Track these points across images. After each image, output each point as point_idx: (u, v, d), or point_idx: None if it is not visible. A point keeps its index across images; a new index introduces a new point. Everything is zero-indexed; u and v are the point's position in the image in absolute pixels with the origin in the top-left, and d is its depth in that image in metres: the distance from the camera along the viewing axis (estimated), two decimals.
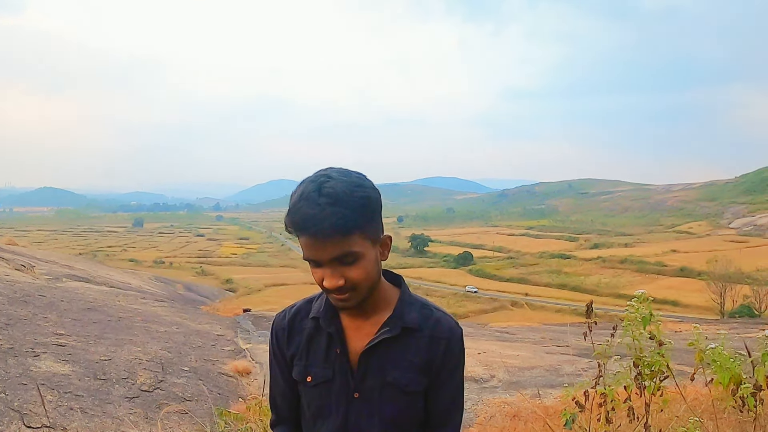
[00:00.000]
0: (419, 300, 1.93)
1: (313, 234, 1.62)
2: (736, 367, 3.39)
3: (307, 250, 1.67)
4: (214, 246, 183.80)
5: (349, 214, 1.61)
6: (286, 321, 1.96)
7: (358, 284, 1.70)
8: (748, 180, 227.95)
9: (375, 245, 1.74)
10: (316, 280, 1.72)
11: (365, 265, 1.70)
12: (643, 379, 3.42)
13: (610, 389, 3.49)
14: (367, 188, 1.69)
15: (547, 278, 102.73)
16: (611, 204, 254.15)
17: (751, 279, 73.40)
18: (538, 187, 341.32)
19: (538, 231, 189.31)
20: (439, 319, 1.88)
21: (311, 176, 1.69)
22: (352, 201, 1.63)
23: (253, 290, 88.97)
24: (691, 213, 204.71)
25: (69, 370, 6.41)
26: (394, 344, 1.82)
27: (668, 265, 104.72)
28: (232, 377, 8.25)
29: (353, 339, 1.85)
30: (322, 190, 1.62)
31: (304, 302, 1.98)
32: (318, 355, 1.87)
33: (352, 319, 1.86)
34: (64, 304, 10.66)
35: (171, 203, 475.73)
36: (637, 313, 3.38)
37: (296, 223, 1.64)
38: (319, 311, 1.87)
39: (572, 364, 10.26)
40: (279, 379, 1.99)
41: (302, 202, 1.63)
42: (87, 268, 22.26)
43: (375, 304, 1.83)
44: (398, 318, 1.83)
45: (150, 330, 10.06)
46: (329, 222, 1.59)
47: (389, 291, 1.89)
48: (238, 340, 11.31)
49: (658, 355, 3.37)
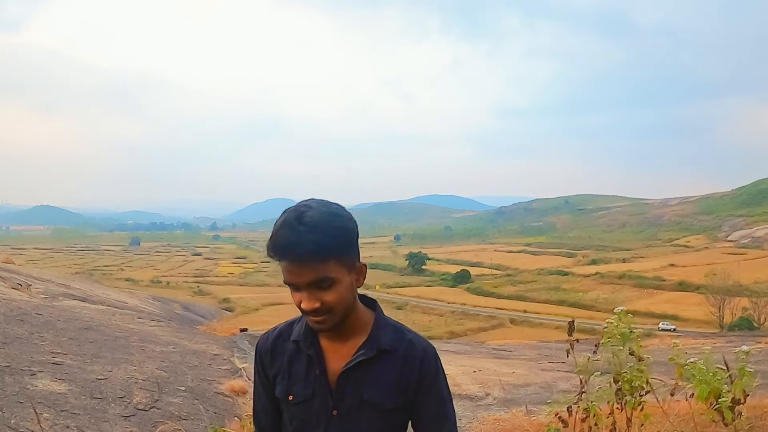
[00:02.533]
0: (392, 323, 2.05)
1: (291, 259, 1.75)
2: (715, 381, 3.45)
3: (286, 274, 1.80)
4: (211, 265, 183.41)
5: (325, 241, 1.74)
6: (269, 342, 2.09)
7: (333, 307, 1.83)
8: (744, 192, 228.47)
9: (350, 272, 1.87)
10: (295, 302, 1.86)
11: (340, 290, 1.82)
12: (623, 394, 3.48)
13: (592, 405, 3.55)
14: (344, 218, 1.83)
15: (545, 295, 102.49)
16: (608, 219, 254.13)
17: (749, 291, 73.39)
18: (535, 204, 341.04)
19: (535, 248, 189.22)
20: (411, 340, 2.02)
21: (293, 206, 1.83)
22: (329, 230, 1.77)
23: (250, 310, 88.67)
24: (689, 227, 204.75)
25: (65, 388, 6.44)
26: (370, 365, 1.95)
27: (667, 279, 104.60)
28: (228, 396, 8.28)
29: (332, 360, 1.97)
30: (302, 219, 1.76)
31: (285, 325, 2.12)
32: (299, 376, 1.99)
33: (330, 341, 1.98)
34: (61, 323, 10.68)
35: (168, 222, 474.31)
36: (616, 329, 3.44)
37: (276, 248, 1.77)
38: (299, 334, 2.00)
39: (567, 380, 10.28)
40: (262, 396, 2.13)
41: (283, 229, 1.76)
42: (83, 287, 22.27)
43: (351, 327, 1.96)
44: (374, 341, 1.96)
45: (146, 349, 10.08)
46: (307, 248, 1.73)
47: (365, 315, 2.02)
48: (234, 359, 11.32)
49: (638, 371, 3.44)
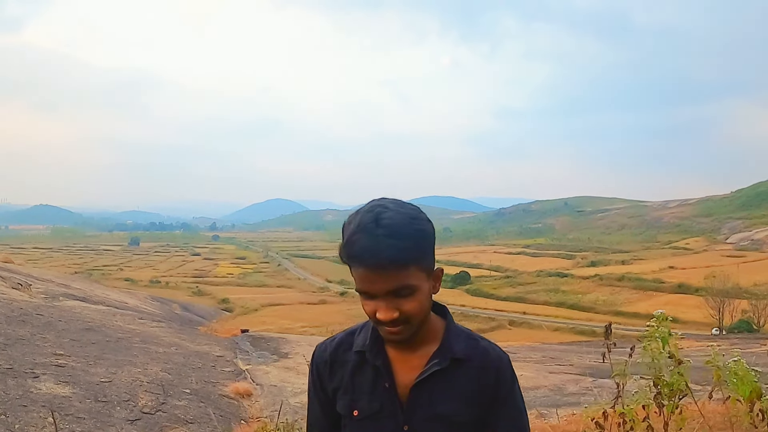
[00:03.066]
0: (464, 331, 1.91)
1: (370, 266, 1.61)
2: (755, 382, 3.35)
3: (361, 282, 1.66)
4: (211, 266, 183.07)
5: (406, 247, 1.61)
6: (328, 354, 1.93)
7: (411, 317, 1.68)
8: (743, 195, 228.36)
9: (429, 278, 1.72)
10: (368, 312, 1.71)
11: (420, 298, 1.68)
12: (662, 398, 3.39)
13: (629, 408, 3.46)
14: (422, 221, 1.68)
15: (544, 296, 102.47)
16: (608, 221, 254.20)
17: (749, 294, 73.36)
18: (534, 206, 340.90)
19: (534, 249, 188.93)
20: (486, 348, 1.88)
21: (366, 206, 1.69)
22: (410, 233, 1.62)
23: (249, 310, 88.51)
24: (688, 229, 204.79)
25: (69, 391, 6.32)
26: (443, 376, 1.80)
27: (666, 281, 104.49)
28: (233, 399, 8.17)
29: (400, 372, 1.82)
30: (379, 222, 1.61)
31: (345, 335, 1.96)
32: (364, 389, 1.84)
33: (399, 351, 1.83)
34: (62, 323, 10.57)
35: (167, 222, 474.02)
36: (656, 332, 3.35)
37: (353, 255, 1.62)
38: (364, 344, 1.85)
39: (576, 383, 10.19)
40: (318, 413, 1.98)
41: (359, 233, 1.61)
42: (83, 287, 22.17)
43: (422, 336, 1.80)
44: (447, 349, 1.82)
45: (149, 351, 9.97)
46: (387, 254, 1.59)
47: (435, 322, 1.86)
48: (237, 361, 11.22)
49: (678, 374, 3.35)
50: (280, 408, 6.28)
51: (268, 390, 9.09)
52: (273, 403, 8.33)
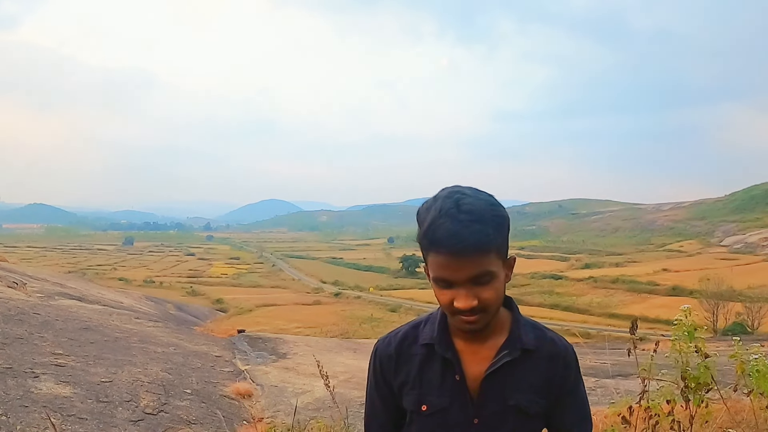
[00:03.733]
0: (530, 321, 1.90)
1: (455, 252, 1.57)
2: None
3: (441, 269, 1.62)
4: (205, 266, 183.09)
5: (489, 232, 1.59)
6: (393, 348, 1.88)
7: (489, 305, 1.66)
8: (737, 198, 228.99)
9: (505, 266, 1.70)
10: (444, 301, 1.66)
11: (497, 285, 1.67)
12: (689, 392, 3.38)
13: (654, 403, 3.44)
14: (500, 207, 1.68)
15: (539, 298, 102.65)
16: (602, 224, 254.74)
17: (743, 296, 73.79)
18: (528, 208, 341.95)
19: (529, 251, 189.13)
20: (553, 338, 1.88)
21: (443, 192, 1.66)
22: (491, 219, 1.61)
23: (244, 311, 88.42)
24: (682, 232, 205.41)
25: (70, 392, 6.24)
26: (513, 367, 1.78)
27: (660, 284, 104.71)
28: (234, 399, 8.10)
29: (470, 364, 1.79)
30: (461, 207, 1.59)
31: (409, 327, 1.91)
32: (433, 383, 1.80)
33: (468, 343, 1.80)
34: (60, 323, 10.49)
35: (161, 222, 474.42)
36: (684, 327, 3.34)
37: (438, 240, 1.58)
38: (431, 337, 1.81)
39: None
40: (379, 408, 1.93)
41: (443, 218, 1.58)
42: (78, 286, 22.07)
43: (491, 327, 1.78)
44: (516, 340, 1.80)
45: (148, 351, 9.90)
46: (473, 239, 1.57)
47: (502, 313, 1.84)
48: (236, 361, 11.16)
49: (704, 368, 3.34)
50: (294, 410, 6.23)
51: (269, 390, 9.02)
52: (274, 404, 8.27)
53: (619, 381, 9.56)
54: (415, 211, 1.68)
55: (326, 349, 14.26)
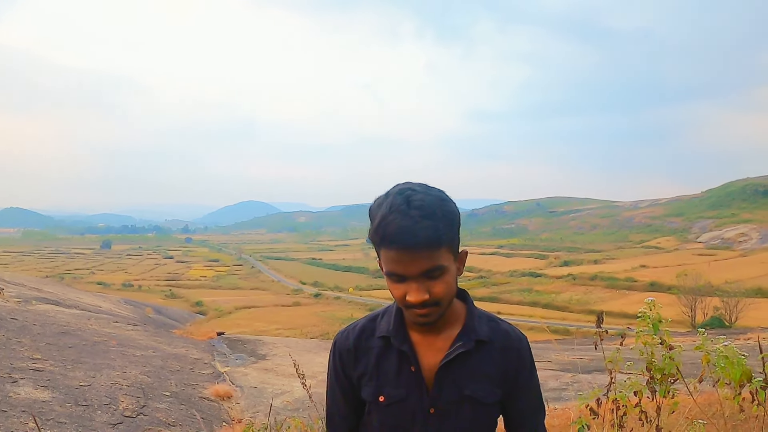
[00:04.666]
0: (485, 313, 1.94)
1: (406, 247, 1.61)
2: (745, 365, 3.40)
3: (393, 264, 1.65)
4: (184, 268, 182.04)
5: (440, 227, 1.62)
6: (351, 341, 1.93)
7: (441, 299, 1.70)
8: (714, 195, 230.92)
9: (456, 260, 1.74)
10: (397, 295, 1.71)
11: (448, 279, 1.69)
12: (654, 383, 3.44)
13: (621, 395, 3.50)
14: (450, 202, 1.70)
15: (518, 296, 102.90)
16: (580, 222, 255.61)
17: (720, 291, 74.27)
18: (507, 207, 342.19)
19: (508, 250, 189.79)
20: (507, 330, 1.92)
21: (394, 189, 1.69)
22: (442, 215, 1.64)
23: (223, 313, 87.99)
24: (659, 228, 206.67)
25: (49, 396, 6.23)
26: (468, 358, 1.82)
27: (638, 280, 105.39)
28: (213, 401, 8.12)
29: (425, 355, 1.83)
30: (411, 203, 1.62)
31: (367, 320, 1.96)
32: (389, 375, 1.85)
33: (424, 335, 1.84)
34: (38, 327, 10.44)
35: (139, 225, 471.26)
36: (648, 319, 3.40)
37: (388, 236, 1.62)
38: (388, 330, 1.86)
39: (556, 379, 10.26)
40: (340, 401, 1.98)
41: (394, 214, 1.61)
42: (56, 290, 21.93)
43: (446, 318, 1.82)
44: (471, 331, 1.84)
45: (126, 354, 9.88)
46: (423, 235, 1.60)
47: (457, 305, 1.89)
48: (215, 363, 11.16)
49: (669, 359, 3.40)
50: (270, 409, 6.24)
51: (249, 392, 9.04)
52: (254, 405, 8.29)
53: (595, 375, 9.69)
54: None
55: (306, 349, 14.28)
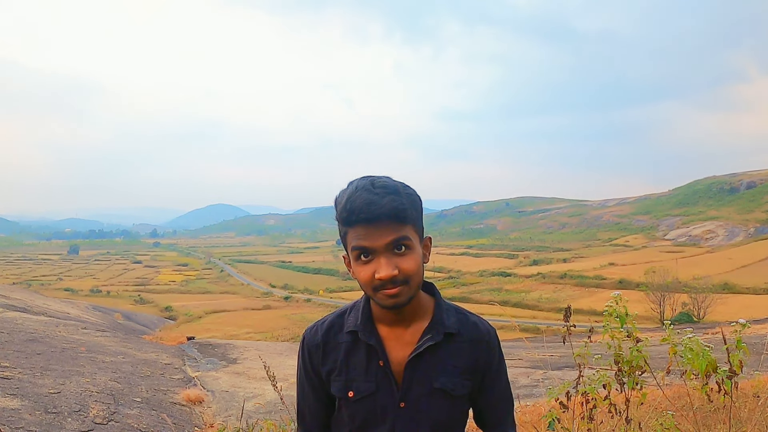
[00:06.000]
0: (453, 306, 1.96)
1: (372, 218, 1.65)
2: (710, 356, 3.46)
3: (360, 239, 1.68)
4: (152, 273, 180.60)
5: (404, 202, 1.67)
6: (319, 337, 1.93)
7: (410, 276, 1.70)
8: (681, 193, 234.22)
9: (421, 243, 1.77)
10: (365, 276, 1.71)
11: (416, 257, 1.71)
12: (622, 375, 3.49)
13: (591, 388, 3.55)
14: (412, 189, 1.76)
15: (488, 296, 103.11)
16: (548, 221, 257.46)
17: (688, 287, 75.13)
18: (476, 207, 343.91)
19: (477, 250, 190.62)
20: (476, 322, 1.94)
21: (357, 178, 1.74)
22: (405, 194, 1.70)
23: (193, 317, 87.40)
24: (627, 227, 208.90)
25: (18, 404, 6.16)
26: (437, 351, 1.83)
27: (607, 278, 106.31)
28: (185, 406, 8.07)
29: (394, 349, 1.85)
30: (375, 183, 1.68)
31: (335, 316, 1.97)
32: (358, 369, 1.86)
33: (391, 329, 1.86)
34: (5, 335, 10.33)
35: (107, 230, 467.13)
36: (614, 312, 3.45)
37: (355, 210, 1.66)
38: (355, 324, 1.86)
39: (527, 376, 10.34)
40: (310, 397, 1.98)
41: (358, 192, 1.67)
42: (23, 297, 21.68)
43: (414, 311, 1.84)
44: (439, 324, 1.85)
45: (96, 360, 9.79)
46: (389, 206, 1.64)
47: (425, 299, 1.90)
48: (186, 368, 11.10)
49: (636, 351, 3.46)
50: (242, 411, 6.25)
51: (220, 396, 9.01)
52: (226, 409, 8.26)
53: (566, 372, 9.77)
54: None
55: (277, 352, 14.25)
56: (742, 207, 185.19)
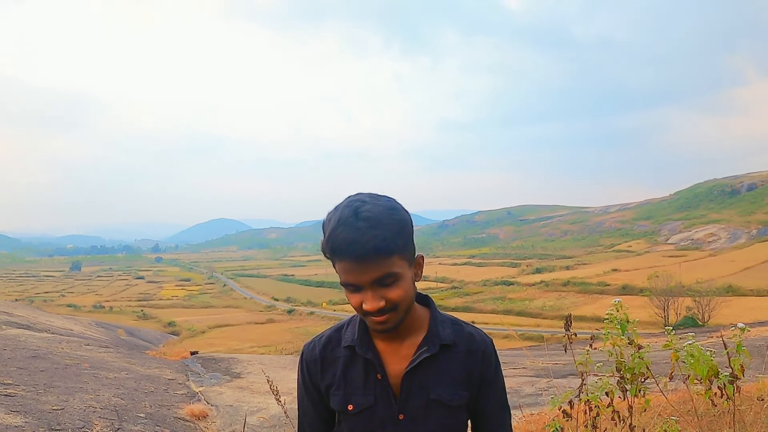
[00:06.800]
0: (449, 317, 1.97)
1: (354, 257, 1.64)
2: (711, 361, 3.46)
3: (346, 274, 1.69)
4: (155, 288, 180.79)
5: (388, 236, 1.66)
6: (317, 352, 1.96)
7: (397, 305, 1.72)
8: (682, 197, 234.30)
9: (411, 266, 1.77)
10: (354, 304, 1.74)
11: (404, 285, 1.72)
12: (625, 382, 3.49)
13: (594, 396, 3.54)
14: (400, 210, 1.74)
15: (492, 305, 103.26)
16: (550, 229, 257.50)
17: (692, 291, 75.07)
18: (477, 217, 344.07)
19: (480, 259, 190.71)
20: (471, 333, 1.95)
21: (344, 202, 1.73)
22: (390, 223, 1.67)
23: (196, 332, 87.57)
24: (629, 232, 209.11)
25: (21, 421, 6.15)
26: (433, 362, 1.85)
27: (610, 284, 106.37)
28: (189, 422, 8.05)
29: (391, 362, 1.87)
30: (359, 215, 1.65)
31: (332, 331, 2.00)
32: (356, 383, 1.88)
33: (388, 342, 1.88)
34: (8, 352, 10.31)
35: (109, 245, 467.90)
36: (615, 319, 3.44)
37: (337, 248, 1.66)
38: (353, 339, 1.89)
39: (532, 384, 10.29)
40: (310, 411, 2.00)
41: (341, 227, 1.65)
42: (26, 314, 21.63)
43: (409, 325, 1.86)
44: (435, 336, 1.87)
45: (99, 377, 9.78)
46: (371, 245, 1.63)
47: (420, 311, 1.92)
48: (190, 383, 11.08)
49: (638, 358, 3.45)
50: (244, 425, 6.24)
51: (224, 410, 8.99)
52: (230, 423, 8.25)
53: (570, 379, 9.74)
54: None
55: (281, 366, 14.21)
56: (743, 209, 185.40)
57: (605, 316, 3.52)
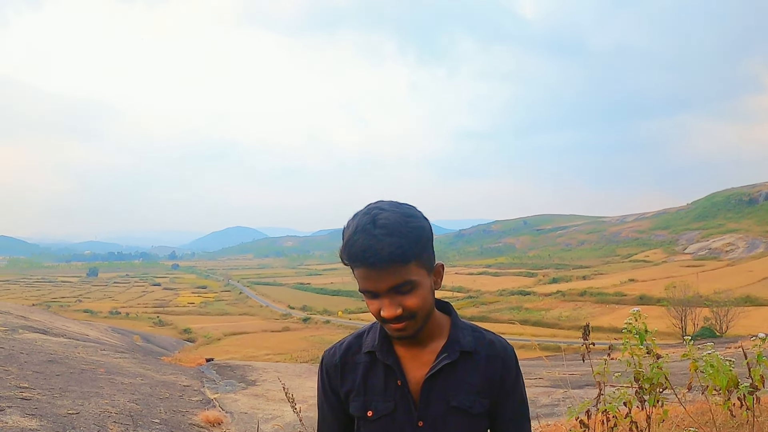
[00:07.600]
0: (469, 325, 1.96)
1: (371, 264, 1.65)
2: (731, 372, 3.42)
3: (363, 281, 1.70)
4: (171, 295, 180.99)
5: (405, 244, 1.65)
6: (337, 358, 1.96)
7: (415, 312, 1.72)
8: (699, 206, 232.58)
9: (429, 274, 1.77)
10: (373, 311, 1.75)
11: (422, 293, 1.72)
12: (643, 392, 3.45)
13: (612, 406, 3.51)
14: (419, 218, 1.73)
15: (508, 315, 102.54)
16: (567, 238, 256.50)
17: (710, 301, 74.42)
18: (494, 226, 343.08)
19: (496, 269, 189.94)
20: (492, 340, 1.94)
21: (363, 209, 1.74)
22: (407, 231, 1.67)
23: (212, 339, 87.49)
24: (646, 242, 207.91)
25: (37, 424, 6.16)
26: (454, 369, 1.85)
27: (627, 294, 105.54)
28: (203, 428, 8.06)
29: (411, 369, 1.86)
30: (376, 222, 1.66)
31: (353, 337, 1.99)
32: (377, 389, 1.87)
33: (408, 349, 1.87)
34: (24, 356, 10.36)
35: (126, 252, 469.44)
36: (634, 329, 3.42)
37: (354, 255, 1.66)
38: (373, 345, 1.89)
39: (548, 395, 10.25)
40: (329, 417, 2.00)
41: (358, 234, 1.66)
42: (43, 319, 21.76)
43: (429, 332, 1.86)
44: (455, 343, 1.86)
45: (115, 382, 9.80)
46: (387, 252, 1.63)
47: (441, 318, 1.91)
48: (205, 390, 11.09)
49: (657, 368, 3.42)
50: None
51: (239, 417, 8.98)
52: (245, 431, 8.24)
53: (587, 390, 9.67)
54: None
55: (296, 374, 14.21)
56: (761, 218, 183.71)
57: (624, 326, 3.49)
